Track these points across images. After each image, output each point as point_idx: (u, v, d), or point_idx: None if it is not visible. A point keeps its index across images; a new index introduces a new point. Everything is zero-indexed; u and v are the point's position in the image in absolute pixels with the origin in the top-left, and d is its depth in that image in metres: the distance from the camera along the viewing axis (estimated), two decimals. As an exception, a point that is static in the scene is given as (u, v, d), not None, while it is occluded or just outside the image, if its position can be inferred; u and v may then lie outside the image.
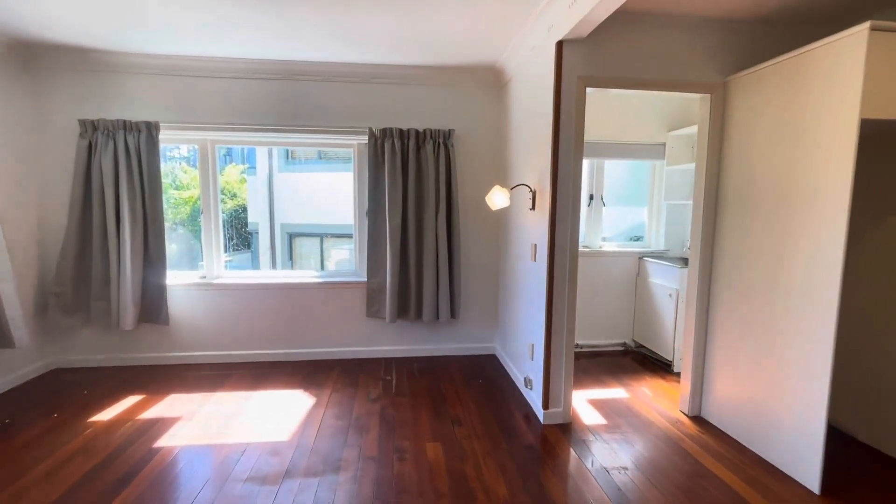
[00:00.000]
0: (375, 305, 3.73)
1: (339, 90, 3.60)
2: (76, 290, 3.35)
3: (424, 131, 3.56)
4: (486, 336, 3.98)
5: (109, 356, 3.57)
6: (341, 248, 8.29)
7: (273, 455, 2.38)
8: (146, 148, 3.32)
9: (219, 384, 3.27)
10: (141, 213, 3.35)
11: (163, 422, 2.71)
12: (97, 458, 2.34)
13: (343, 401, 3.03)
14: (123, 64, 3.33)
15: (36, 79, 3.31)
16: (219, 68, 3.42)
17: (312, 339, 3.78)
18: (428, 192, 3.59)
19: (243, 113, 3.52)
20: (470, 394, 3.17)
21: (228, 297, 3.66)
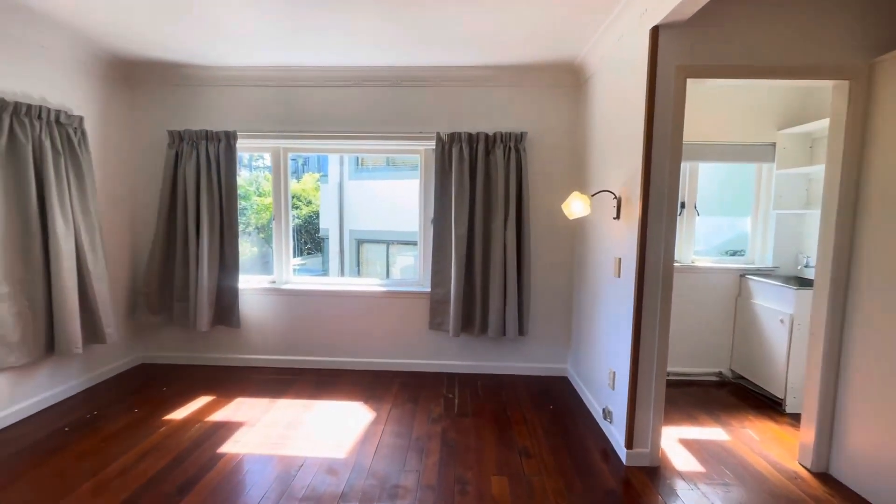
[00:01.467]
0: (438, 317, 3.57)
1: (408, 95, 3.51)
2: (161, 291, 3.55)
3: (494, 135, 3.35)
4: (557, 356, 3.66)
5: (187, 355, 3.74)
6: (406, 255, 8.30)
7: (330, 473, 2.27)
8: (225, 156, 3.45)
9: (283, 390, 3.27)
10: (218, 219, 3.47)
11: (228, 426, 2.73)
12: (167, 458, 2.37)
13: (403, 418, 2.88)
14: (207, 77, 3.50)
15: (133, 93, 3.57)
16: (292, 77, 3.47)
17: (374, 348, 3.70)
18: (497, 199, 3.37)
19: (314, 121, 3.55)
20: (539, 420, 2.88)
21: (295, 302, 3.69)
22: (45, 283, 2.77)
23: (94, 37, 2.92)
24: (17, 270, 2.63)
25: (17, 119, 2.58)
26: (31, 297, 2.70)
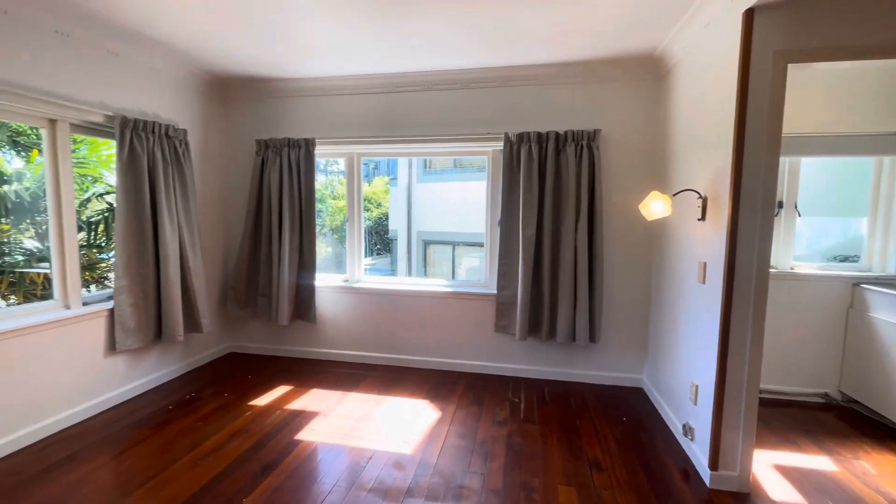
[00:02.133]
0: (504, 320, 3.53)
1: (476, 97, 3.51)
2: (247, 287, 3.87)
3: (565, 133, 3.25)
4: (631, 366, 3.45)
5: (269, 346, 4.05)
6: (472, 257, 8.32)
7: (396, 468, 2.33)
8: (304, 162, 3.68)
9: (354, 384, 3.42)
10: (298, 221, 3.71)
11: (304, 415, 2.90)
12: (252, 440, 2.58)
13: (468, 420, 2.88)
14: (289, 88, 3.76)
15: (227, 107, 3.94)
16: (365, 85, 3.62)
17: (439, 348, 3.74)
18: (567, 199, 3.26)
19: (386, 126, 3.68)
20: (611, 432, 2.74)
21: (366, 300, 3.84)
22: (154, 278, 3.13)
23: (197, 59, 3.27)
24: (133, 266, 3.00)
25: (136, 134, 2.95)
26: (144, 289, 3.07)
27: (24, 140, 3.92)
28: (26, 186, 3.87)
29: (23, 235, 3.92)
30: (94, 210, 4.18)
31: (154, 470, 2.27)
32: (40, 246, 3.91)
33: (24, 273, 3.73)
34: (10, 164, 3.94)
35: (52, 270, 2.76)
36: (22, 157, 3.99)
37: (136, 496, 2.07)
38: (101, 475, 2.23)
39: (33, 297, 3.73)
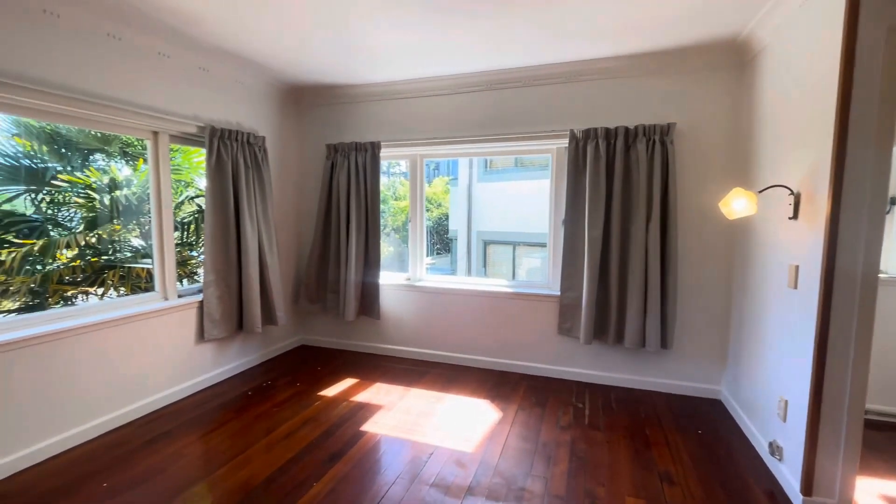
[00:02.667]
0: (568, 322, 3.43)
1: (539, 94, 3.45)
2: (317, 283, 4.09)
3: (636, 128, 3.09)
4: (708, 375, 3.21)
5: (337, 340, 4.25)
6: (533, 257, 8.18)
7: (457, 465, 2.35)
8: (370, 165, 3.82)
9: (416, 380, 3.49)
10: (364, 221, 3.86)
11: (369, 408, 3.02)
12: (321, 428, 2.72)
13: (530, 422, 2.83)
14: (356, 94, 3.92)
15: (301, 114, 4.19)
16: (429, 87, 3.69)
17: (500, 349, 3.72)
18: (637, 197, 3.10)
19: (448, 127, 3.72)
20: (685, 445, 2.57)
21: (428, 298, 3.91)
22: (237, 274, 3.41)
23: (275, 71, 3.51)
24: (219, 262, 3.29)
25: (222, 142, 3.23)
26: (227, 284, 3.36)
27: (132, 151, 4.44)
28: (133, 191, 4.39)
29: (130, 235, 4.44)
30: (186, 212, 4.64)
31: (235, 450, 2.47)
32: (144, 244, 4.41)
33: (132, 268, 4.23)
34: (121, 172, 4.49)
35: (154, 266, 3.10)
36: (130, 166, 4.53)
37: (221, 473, 2.27)
38: (192, 450, 2.47)
39: (138, 290, 4.22)
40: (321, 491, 2.13)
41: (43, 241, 3.86)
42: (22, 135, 4.03)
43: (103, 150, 4.31)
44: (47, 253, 3.86)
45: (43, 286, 3.83)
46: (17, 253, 3.73)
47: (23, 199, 4.03)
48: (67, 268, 3.99)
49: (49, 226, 4.05)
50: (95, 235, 4.20)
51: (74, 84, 2.43)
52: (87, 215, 4.20)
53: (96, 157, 4.36)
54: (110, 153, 4.36)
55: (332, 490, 2.14)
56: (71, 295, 4.01)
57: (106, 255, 4.27)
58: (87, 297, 4.07)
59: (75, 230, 4.12)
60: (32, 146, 4.02)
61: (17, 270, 3.77)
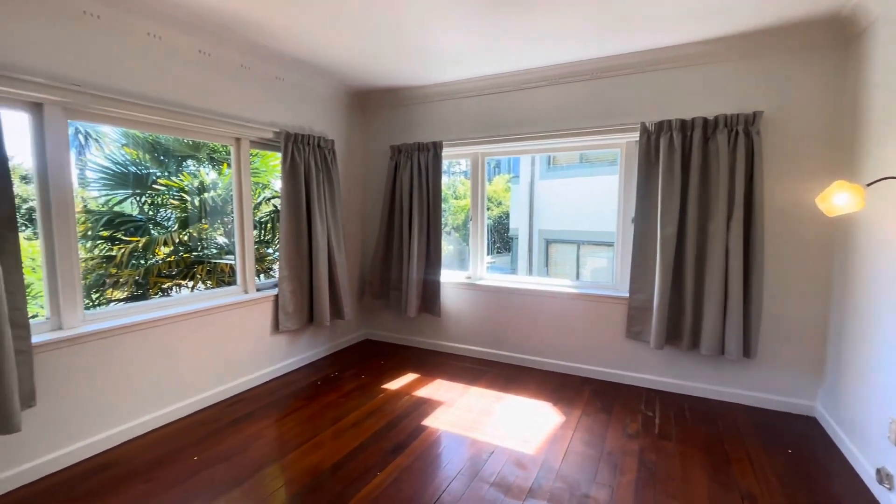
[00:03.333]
0: (637, 326, 3.25)
1: (608, 87, 3.30)
2: (381, 280, 4.23)
3: (715, 119, 2.86)
4: (800, 389, 2.90)
5: (399, 336, 4.36)
6: (598, 257, 7.86)
7: (518, 466, 2.32)
8: (432, 164, 3.88)
9: (476, 378, 3.49)
10: (425, 220, 3.93)
11: (430, 403, 3.06)
12: (384, 420, 2.81)
13: (594, 428, 2.73)
14: (419, 96, 3.99)
15: (366, 117, 4.35)
16: (490, 85, 3.67)
17: (563, 351, 3.61)
18: (717, 194, 2.87)
19: (510, 124, 3.67)
20: (770, 464, 2.34)
21: (488, 297, 3.90)
22: (308, 270, 3.61)
23: (344, 77, 3.67)
24: (292, 259, 3.50)
25: (296, 146, 3.44)
26: (300, 279, 3.57)
27: (218, 156, 4.87)
28: (219, 193, 4.81)
29: (216, 233, 4.88)
30: (264, 212, 5.00)
31: (306, 435, 2.62)
32: (227, 241, 4.82)
33: (217, 263, 4.64)
34: (209, 176, 4.94)
35: (236, 261, 3.37)
36: (216, 170, 4.97)
37: (293, 456, 2.41)
38: (269, 432, 2.66)
39: (223, 283, 4.62)
40: (384, 480, 2.19)
41: (146, 239, 4.35)
42: (130, 145, 4.57)
43: (194, 157, 4.77)
44: (149, 249, 4.35)
45: (145, 278, 4.32)
46: (126, 249, 4.24)
47: (129, 202, 4.57)
48: (164, 262, 4.47)
49: (150, 225, 4.55)
50: (187, 234, 4.66)
51: (171, 98, 2.70)
52: (181, 215, 4.67)
53: (188, 163, 4.83)
54: (200, 159, 4.81)
55: (395, 480, 2.20)
56: (167, 287, 4.48)
57: (195, 252, 4.72)
58: (180, 289, 4.53)
59: (171, 229, 4.60)
60: (138, 155, 4.55)
61: (125, 264, 4.28)
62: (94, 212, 4.37)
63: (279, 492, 2.12)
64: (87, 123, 4.09)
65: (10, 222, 2.02)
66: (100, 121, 2.50)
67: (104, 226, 4.33)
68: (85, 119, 2.43)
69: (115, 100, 2.41)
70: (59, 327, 2.34)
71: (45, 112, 2.22)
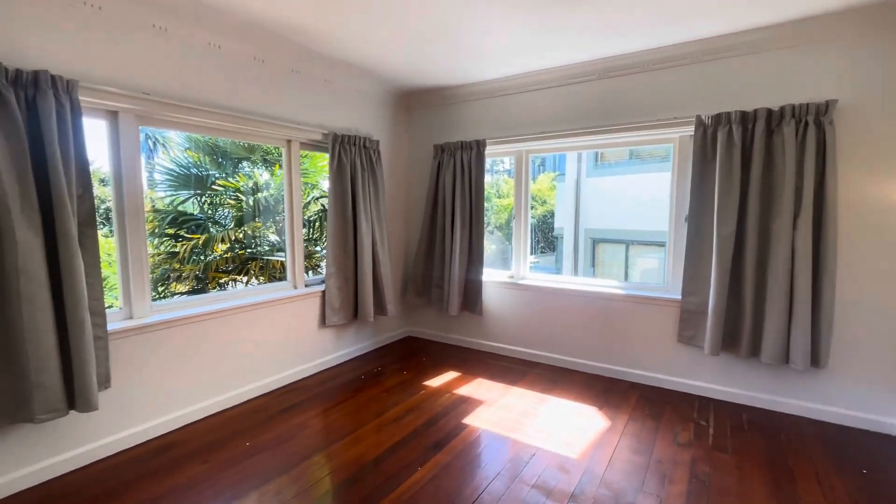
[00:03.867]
0: (690, 330, 3.08)
1: (658, 79, 3.15)
2: (423, 278, 4.27)
3: (781, 110, 2.66)
4: (877, 403, 2.64)
5: (440, 333, 4.39)
6: (649, 257, 7.54)
7: (560, 470, 2.27)
8: (475, 163, 3.87)
9: (518, 379, 3.45)
10: (468, 219, 3.93)
11: (470, 401, 3.06)
12: (425, 417, 2.84)
13: (642, 435, 2.62)
14: (462, 94, 3.99)
15: (410, 117, 4.41)
16: (535, 81, 3.61)
17: (610, 353, 3.49)
18: (782, 190, 2.67)
19: (555, 120, 3.60)
20: (843, 485, 2.14)
21: (531, 297, 3.84)
22: (353, 267, 3.71)
23: (389, 78, 3.74)
24: (338, 256, 3.61)
25: (343, 147, 3.54)
26: (345, 276, 3.67)
27: (270, 158, 5.11)
28: (271, 193, 5.05)
29: (268, 231, 5.13)
30: (312, 211, 5.20)
31: (350, 427, 2.70)
32: (278, 239, 5.05)
33: (269, 259, 4.87)
34: (262, 177, 5.20)
35: (286, 258, 3.52)
36: (268, 171, 5.22)
37: (337, 446, 2.49)
38: (316, 423, 2.76)
39: (274, 279, 4.85)
40: (424, 476, 2.22)
41: (205, 236, 4.64)
42: (192, 148, 4.90)
43: (248, 159, 5.03)
44: (208, 246, 4.64)
45: (204, 273, 4.61)
46: (187, 245, 4.55)
47: (191, 201, 4.90)
48: (222, 258, 4.75)
49: (209, 223, 4.85)
50: (242, 231, 4.92)
51: (229, 102, 2.86)
52: (237, 214, 4.94)
53: (243, 164, 5.10)
54: (254, 161, 5.07)
55: (435, 476, 2.21)
56: (224, 282, 4.76)
57: (249, 249, 4.98)
58: (235, 284, 4.80)
59: (227, 227, 4.88)
60: (199, 157, 4.87)
61: (186, 260, 4.59)
62: (160, 211, 4.72)
63: (324, 481, 2.19)
64: (156, 129, 4.41)
65: (90, 220, 2.21)
66: (166, 126, 2.69)
67: (169, 224, 4.67)
68: (154, 125, 2.62)
69: (180, 106, 2.59)
70: (129, 316, 2.54)
71: (119, 119, 2.42)
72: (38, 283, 1.99)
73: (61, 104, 2.07)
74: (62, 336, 2.09)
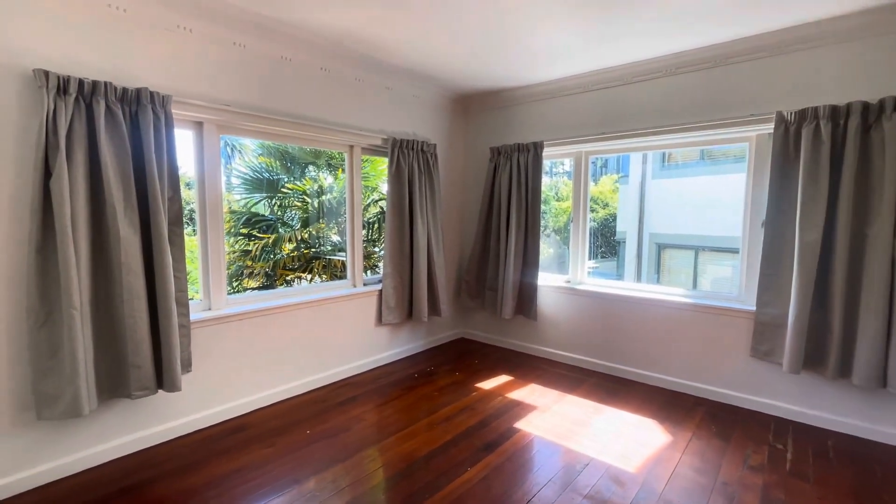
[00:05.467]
0: (766, 344, 2.84)
1: (733, 74, 2.94)
2: (477, 280, 4.28)
3: (881, 103, 2.38)
4: None
5: (493, 336, 4.38)
6: (720, 264, 7.01)
7: (615, 482, 2.18)
8: (532, 165, 3.82)
9: (573, 387, 3.36)
10: (523, 221, 3.89)
11: (523, 406, 3.02)
12: (476, 418, 2.85)
13: (707, 454, 2.45)
14: (519, 96, 3.96)
15: (467, 121, 4.45)
16: (595, 80, 3.50)
17: (673, 366, 3.29)
18: (881, 193, 2.39)
19: (617, 120, 3.47)
20: (952, 530, 1.87)
21: (588, 303, 3.72)
22: (409, 268, 3.81)
23: (446, 82, 3.80)
24: (395, 257, 3.72)
25: (401, 151, 3.65)
26: (401, 276, 3.78)
27: (334, 162, 5.38)
28: (334, 196, 5.31)
29: (331, 232, 5.40)
30: (371, 213, 5.40)
31: (402, 423, 2.77)
32: (340, 240, 5.30)
33: (331, 259, 5.13)
34: (326, 181, 5.48)
35: (346, 258, 3.69)
36: (332, 175, 5.50)
37: (389, 441, 2.57)
38: (370, 417, 2.86)
39: (335, 277, 5.10)
40: (474, 476, 2.23)
41: (274, 236, 4.98)
42: (264, 154, 5.27)
43: (314, 163, 5.33)
44: (277, 245, 4.97)
45: (273, 271, 4.95)
46: (259, 244, 4.90)
47: (262, 204, 5.27)
48: (289, 257, 5.06)
49: (278, 224, 5.20)
50: (307, 232, 5.22)
51: (297, 111, 3.06)
52: (303, 216, 5.25)
53: (309, 168, 5.41)
54: (319, 165, 5.36)
55: (485, 478, 2.21)
56: (290, 279, 5.08)
57: (314, 248, 5.27)
58: (300, 281, 5.10)
59: (294, 228, 5.20)
60: (270, 162, 5.23)
61: (258, 258, 4.95)
62: (236, 212, 5.13)
63: (376, 473, 2.27)
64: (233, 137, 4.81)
65: (178, 220, 2.46)
66: (243, 134, 2.93)
67: (243, 224, 5.06)
68: (233, 133, 2.86)
69: (254, 116, 2.80)
70: (208, 308, 2.79)
71: (204, 129, 2.68)
72: (136, 275, 2.25)
73: (157, 117, 2.32)
74: (153, 323, 2.35)
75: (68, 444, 2.22)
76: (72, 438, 2.23)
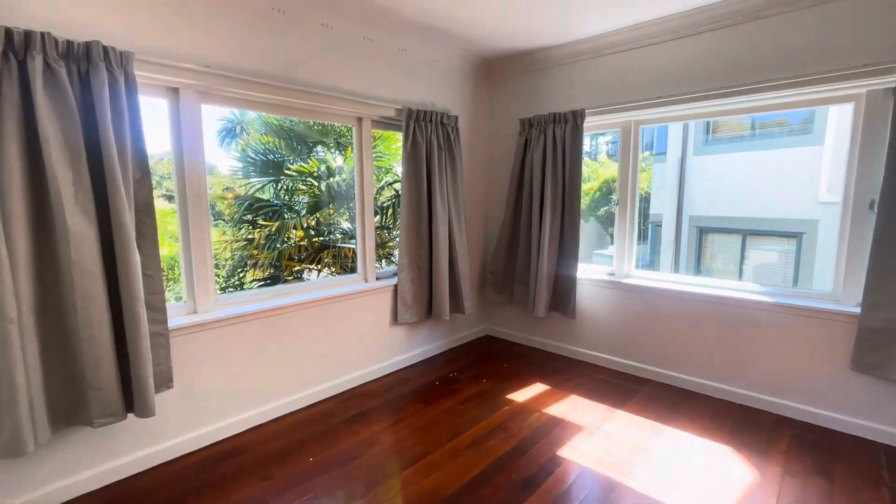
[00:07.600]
0: (874, 356, 2.27)
1: (824, 18, 2.31)
2: (505, 272, 3.77)
3: None
4: None
5: (523, 335, 3.88)
6: (767, 250, 6.33)
7: (698, 543, 1.69)
8: (570, 137, 3.26)
9: (622, 399, 2.85)
10: (560, 204, 3.34)
11: (565, 426, 2.54)
12: (511, 443, 2.37)
13: (808, 497, 1.93)
14: (554, 57, 3.37)
15: (492, 89, 3.87)
16: (648, 34, 2.89)
17: (745, 376, 2.75)
18: None
19: (676, 82, 2.87)
20: None
21: (637, 299, 3.18)
22: (427, 258, 3.32)
23: (470, 41, 3.22)
24: (412, 246, 3.24)
25: (417, 124, 3.13)
26: (419, 267, 3.30)
27: (344, 141, 4.88)
28: (344, 178, 4.83)
29: (341, 218, 4.93)
30: (386, 196, 4.91)
31: (421, 449, 2.32)
32: (351, 227, 4.83)
33: (341, 248, 4.68)
34: (335, 161, 5.00)
35: (357, 249, 3.22)
36: (342, 155, 5.01)
37: (408, 473, 2.12)
38: (385, 438, 2.42)
39: (346, 269, 4.65)
40: (514, 530, 1.77)
41: (279, 223, 4.54)
42: (268, 133, 4.80)
43: (322, 142, 4.84)
44: (282, 233, 4.54)
45: (279, 261, 4.52)
46: (263, 232, 4.48)
47: (267, 188, 4.84)
48: (295, 246, 4.63)
49: (284, 210, 4.76)
50: (315, 219, 4.77)
51: (295, 75, 2.56)
52: (310, 201, 4.79)
53: (317, 149, 4.93)
54: (327, 144, 4.87)
55: (528, 533, 1.75)
56: (297, 270, 4.65)
57: (322, 237, 4.82)
58: (309, 273, 4.67)
59: (301, 214, 4.75)
60: (274, 142, 4.77)
61: (263, 247, 4.53)
62: (239, 197, 4.70)
63: (392, 520, 1.83)
64: (217, 106, 4.33)
65: (148, 208, 2.02)
66: (229, 104, 2.45)
67: (246, 210, 4.64)
68: (216, 102, 2.39)
69: (241, 80, 2.32)
70: (193, 311, 2.36)
71: (180, 96, 2.21)
72: (92, 276, 1.81)
73: (115, 78, 1.86)
74: (118, 334, 1.92)
75: (14, 483, 1.83)
76: (19, 476, 1.84)
